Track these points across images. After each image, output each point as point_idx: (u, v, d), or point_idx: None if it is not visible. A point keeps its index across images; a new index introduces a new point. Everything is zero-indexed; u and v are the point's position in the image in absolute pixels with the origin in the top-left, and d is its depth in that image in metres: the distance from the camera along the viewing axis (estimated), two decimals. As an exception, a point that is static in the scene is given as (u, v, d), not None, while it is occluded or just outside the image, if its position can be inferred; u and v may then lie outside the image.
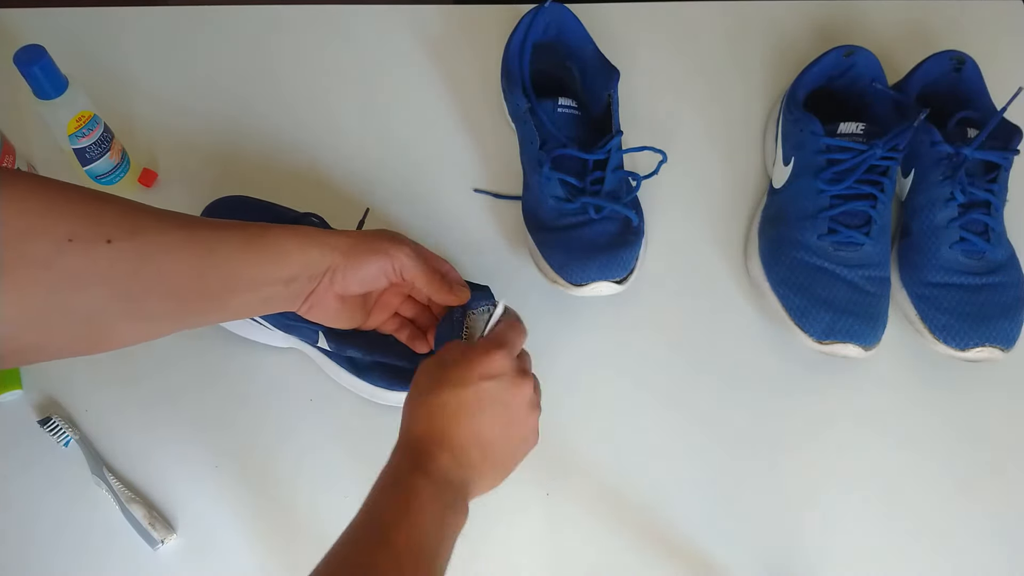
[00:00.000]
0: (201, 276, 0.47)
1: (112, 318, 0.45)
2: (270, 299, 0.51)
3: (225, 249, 0.48)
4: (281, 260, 0.50)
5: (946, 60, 0.71)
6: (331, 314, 0.54)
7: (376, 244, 0.53)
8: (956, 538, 0.62)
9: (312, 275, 0.51)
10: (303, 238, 0.51)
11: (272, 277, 0.50)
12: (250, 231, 0.50)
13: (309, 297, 0.52)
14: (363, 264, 0.52)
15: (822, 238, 0.65)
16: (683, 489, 0.63)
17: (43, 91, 0.62)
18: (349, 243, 0.52)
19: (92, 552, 0.59)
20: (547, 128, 0.67)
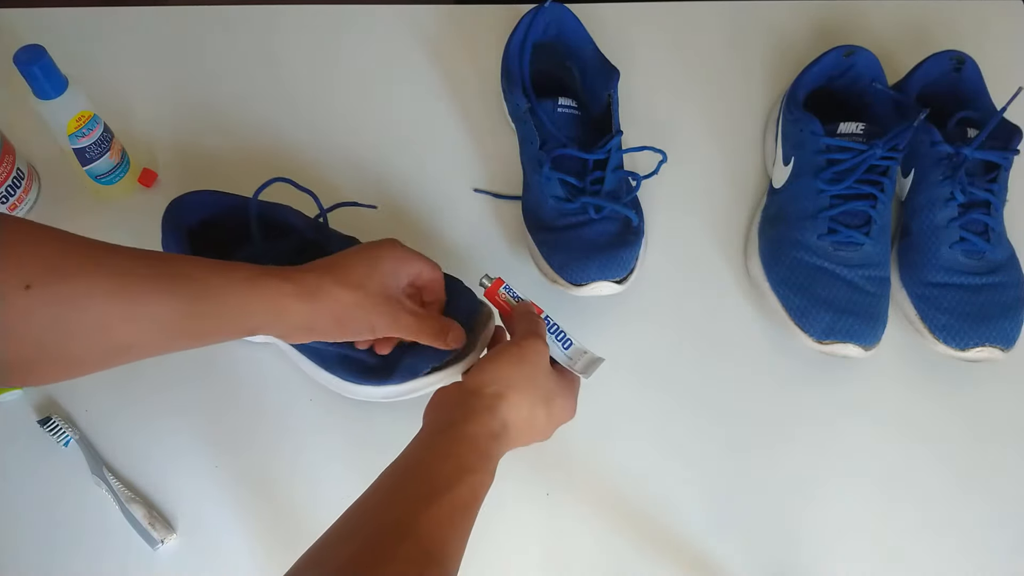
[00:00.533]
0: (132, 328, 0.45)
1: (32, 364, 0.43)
2: (224, 340, 0.50)
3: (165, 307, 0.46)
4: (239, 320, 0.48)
5: (946, 60, 0.71)
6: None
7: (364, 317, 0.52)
8: (956, 538, 0.62)
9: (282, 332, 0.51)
10: (272, 290, 0.49)
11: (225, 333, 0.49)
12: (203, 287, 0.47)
13: (279, 336, 0.53)
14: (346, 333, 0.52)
15: (822, 238, 0.65)
16: (683, 488, 0.63)
17: (43, 91, 0.62)
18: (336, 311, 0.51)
19: (92, 552, 0.59)
20: (547, 128, 0.67)
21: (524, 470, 0.62)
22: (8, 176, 0.67)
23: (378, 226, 0.68)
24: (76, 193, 0.72)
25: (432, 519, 0.43)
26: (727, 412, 0.65)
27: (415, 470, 0.46)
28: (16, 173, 0.68)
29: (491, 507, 0.61)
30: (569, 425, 0.64)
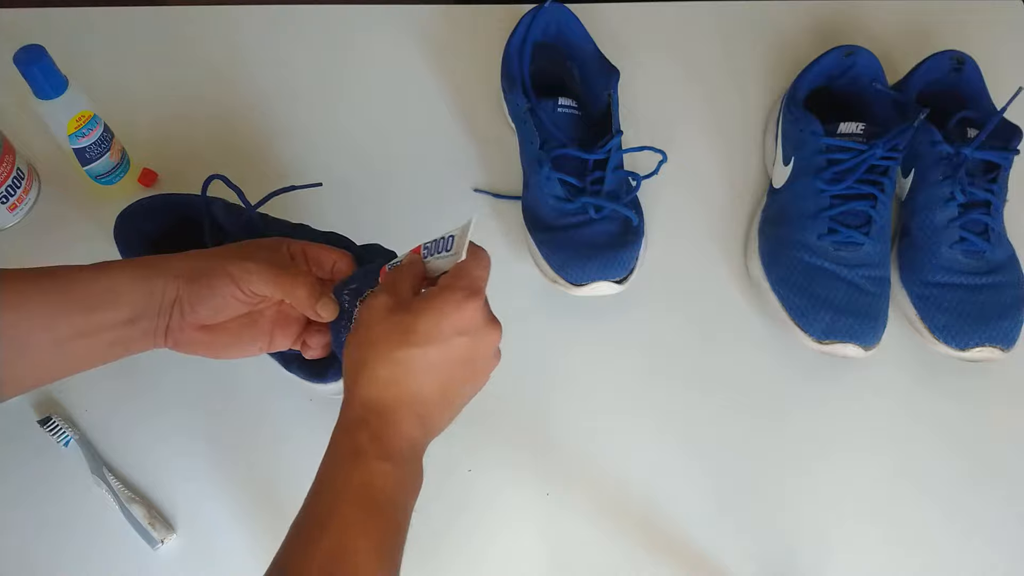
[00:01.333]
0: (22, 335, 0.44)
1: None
2: (119, 342, 0.48)
3: (42, 301, 0.44)
4: (115, 302, 0.46)
5: (946, 60, 0.71)
6: (205, 347, 0.51)
7: (219, 265, 0.48)
8: (956, 537, 0.62)
9: (157, 308, 0.48)
10: (141, 269, 0.47)
11: (107, 321, 0.46)
12: (75, 275, 0.46)
13: (168, 333, 0.49)
14: (207, 289, 0.48)
15: (822, 238, 0.65)
16: (683, 489, 0.63)
17: (43, 91, 0.62)
18: (189, 268, 0.48)
19: (92, 552, 0.59)
20: (547, 128, 0.67)
21: (524, 470, 0.62)
22: (8, 176, 0.67)
23: (377, 226, 0.68)
24: (76, 193, 0.72)
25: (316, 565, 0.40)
26: (727, 412, 0.65)
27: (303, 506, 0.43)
28: (16, 173, 0.68)
29: (491, 507, 0.61)
30: (569, 425, 0.64)
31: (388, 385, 0.43)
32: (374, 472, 0.42)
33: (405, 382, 0.43)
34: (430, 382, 0.43)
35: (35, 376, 0.48)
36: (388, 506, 0.42)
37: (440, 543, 0.60)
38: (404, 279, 0.46)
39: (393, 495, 0.42)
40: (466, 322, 0.43)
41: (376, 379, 0.43)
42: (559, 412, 0.65)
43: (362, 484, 0.42)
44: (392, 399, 0.43)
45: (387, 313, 0.43)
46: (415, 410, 0.43)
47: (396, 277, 0.46)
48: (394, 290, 0.45)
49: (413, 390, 0.43)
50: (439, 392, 0.44)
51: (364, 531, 0.41)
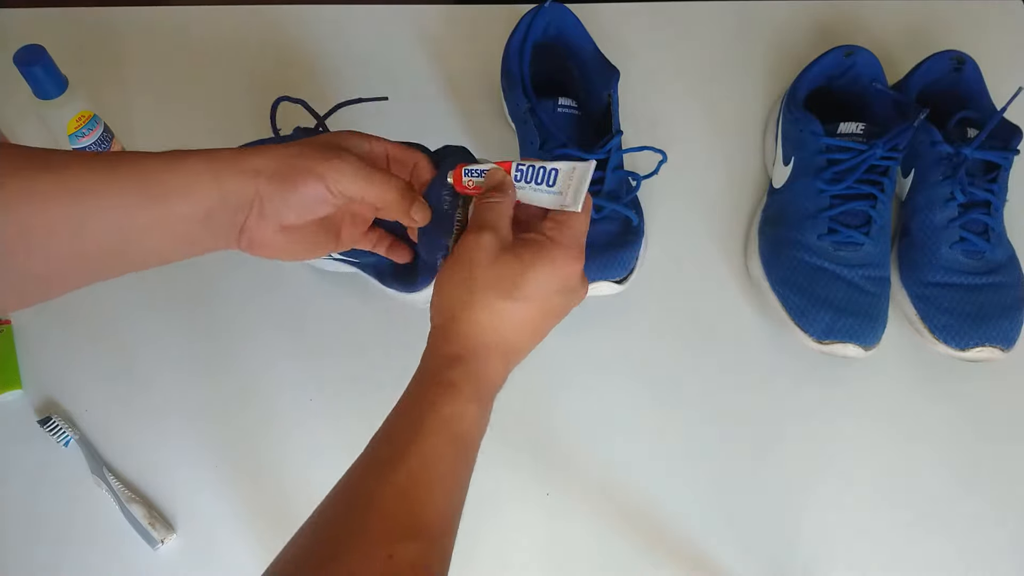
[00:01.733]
0: (82, 227, 0.41)
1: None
2: (189, 239, 0.44)
3: (113, 192, 0.41)
4: (189, 196, 0.43)
5: (946, 60, 0.71)
6: (280, 250, 0.47)
7: (307, 164, 0.45)
8: (956, 537, 0.62)
9: (235, 206, 0.44)
10: (217, 164, 0.43)
11: (180, 216, 0.43)
12: (148, 165, 0.43)
13: (243, 232, 0.45)
14: (293, 190, 0.44)
15: (822, 238, 0.65)
16: (683, 488, 0.63)
17: (43, 91, 0.62)
18: (275, 165, 0.44)
19: (92, 552, 0.59)
20: (547, 128, 0.67)
21: (524, 470, 0.62)
22: (8, 176, 0.67)
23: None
24: (76, 193, 0.72)
25: (392, 490, 0.39)
26: (727, 412, 0.65)
27: (379, 434, 0.42)
28: (16, 173, 0.68)
29: (491, 507, 0.61)
30: (569, 425, 0.64)
31: (487, 330, 0.43)
32: (463, 410, 0.42)
33: (502, 330, 0.43)
34: (524, 332, 0.44)
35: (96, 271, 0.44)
36: (469, 444, 0.42)
37: (440, 543, 0.60)
38: (503, 214, 0.45)
39: (473, 435, 0.43)
40: (570, 281, 0.44)
41: (477, 322, 0.43)
42: (559, 412, 0.65)
43: (451, 418, 0.42)
44: (489, 343, 0.43)
45: (494, 257, 0.43)
46: (504, 355, 0.44)
47: (490, 213, 0.45)
48: (495, 228, 0.44)
49: (507, 337, 0.44)
50: (528, 340, 0.45)
51: (445, 461, 0.41)
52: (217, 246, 0.46)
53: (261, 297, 0.68)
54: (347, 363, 0.66)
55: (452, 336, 0.44)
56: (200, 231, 0.44)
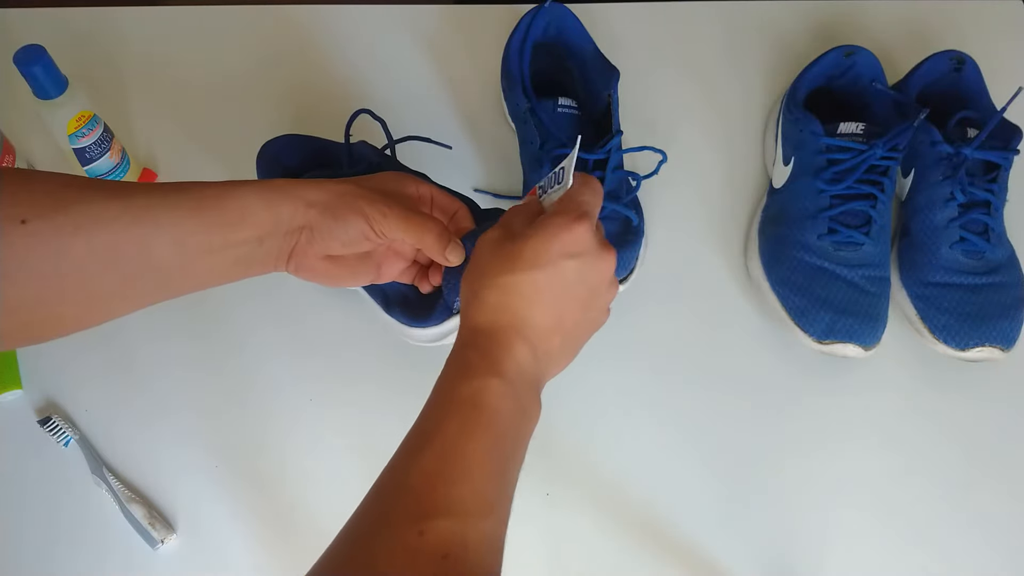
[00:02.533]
0: (147, 249, 0.44)
1: (49, 303, 0.42)
2: (243, 262, 0.47)
3: (172, 217, 0.44)
4: (244, 222, 0.46)
5: (946, 60, 0.71)
6: (325, 276, 0.51)
7: (354, 203, 0.48)
8: (956, 537, 0.62)
9: (286, 232, 0.48)
10: (271, 193, 0.47)
11: (235, 239, 0.46)
12: (205, 192, 0.46)
13: (292, 257, 0.49)
14: (340, 225, 0.48)
15: (822, 238, 0.65)
16: (683, 489, 0.63)
17: (43, 91, 0.62)
18: (326, 199, 0.48)
19: (92, 552, 0.59)
20: (547, 128, 0.67)
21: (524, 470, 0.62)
22: (8, 176, 0.67)
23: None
24: (76, 193, 0.72)
25: (421, 472, 0.38)
26: (727, 412, 0.65)
27: (412, 428, 0.41)
28: (16, 173, 0.68)
29: (491, 507, 0.61)
30: (569, 426, 0.64)
31: (497, 311, 0.42)
32: (483, 386, 0.41)
33: (514, 307, 0.42)
34: (541, 308, 0.42)
35: (157, 291, 0.47)
36: (497, 419, 0.40)
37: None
38: (517, 215, 0.46)
39: (502, 410, 0.40)
40: (575, 245, 0.42)
41: (485, 305, 0.43)
42: (559, 412, 0.65)
43: (470, 395, 0.40)
44: (503, 324, 0.42)
45: (496, 245, 0.44)
46: (526, 336, 0.42)
47: (510, 215, 0.47)
48: (506, 224, 0.45)
49: (523, 315, 0.42)
50: (552, 319, 0.43)
51: (472, 438, 0.39)
52: (267, 269, 0.49)
53: (261, 297, 0.68)
54: (347, 363, 0.66)
55: (464, 328, 0.44)
56: (254, 254, 0.48)
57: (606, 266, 0.44)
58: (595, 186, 0.45)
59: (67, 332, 0.45)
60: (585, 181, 0.45)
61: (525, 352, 0.42)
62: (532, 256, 0.42)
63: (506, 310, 0.42)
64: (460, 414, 0.40)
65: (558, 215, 0.43)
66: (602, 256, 0.44)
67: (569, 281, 0.43)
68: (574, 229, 0.42)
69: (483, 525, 0.38)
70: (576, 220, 0.42)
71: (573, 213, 0.43)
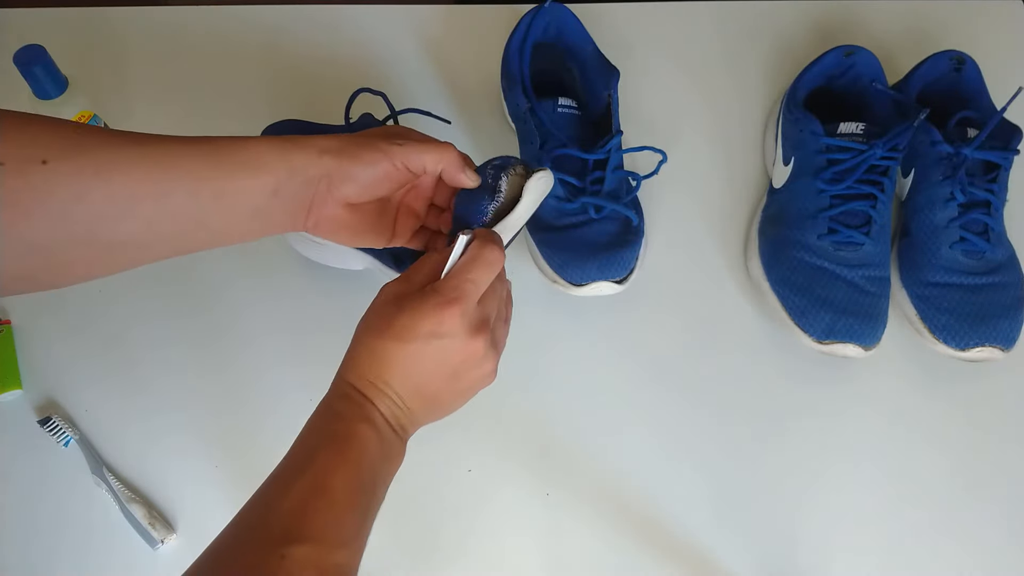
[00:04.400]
0: (164, 195, 0.43)
1: (65, 247, 0.41)
2: (260, 215, 0.47)
3: (188, 163, 0.44)
4: (258, 169, 0.46)
5: (946, 60, 0.71)
6: (345, 228, 0.50)
7: (371, 142, 0.48)
8: (956, 538, 0.62)
9: (303, 181, 0.47)
10: (284, 143, 0.47)
11: (250, 188, 0.46)
12: (220, 142, 0.46)
13: (311, 210, 0.48)
14: (360, 165, 0.48)
15: (822, 238, 0.65)
16: (684, 488, 0.63)
17: (43, 91, 0.62)
18: (339, 145, 0.48)
19: (92, 552, 0.59)
20: (547, 128, 0.67)
21: (524, 470, 0.62)
22: (8, 176, 0.67)
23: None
24: (76, 193, 0.72)
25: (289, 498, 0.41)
26: (727, 412, 0.65)
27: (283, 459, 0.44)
28: (16, 173, 0.68)
29: (491, 507, 0.61)
30: (569, 426, 0.64)
31: (366, 371, 0.45)
32: (353, 428, 0.44)
33: (377, 371, 0.45)
34: (401, 377, 0.45)
35: (172, 242, 0.47)
36: (365, 458, 0.44)
37: (440, 543, 0.60)
38: (421, 269, 0.48)
39: (369, 450, 0.44)
40: (441, 327, 0.44)
41: (357, 363, 0.45)
42: (559, 412, 0.65)
43: (343, 433, 0.44)
44: (370, 381, 0.45)
45: (385, 301, 0.46)
46: (389, 395, 0.45)
47: (418, 265, 0.48)
48: (407, 278, 0.47)
49: (385, 379, 0.45)
50: (412, 387, 0.45)
51: (341, 474, 0.42)
52: (286, 224, 0.49)
53: (262, 297, 0.68)
54: (347, 363, 0.66)
55: (340, 374, 0.46)
56: (270, 205, 0.47)
57: (472, 350, 0.46)
58: (489, 258, 0.46)
59: (72, 281, 0.45)
60: (478, 254, 0.46)
61: (388, 405, 0.45)
62: (401, 329, 0.44)
63: (371, 371, 0.45)
64: (331, 449, 0.43)
65: (433, 293, 0.45)
66: (468, 342, 0.45)
67: (430, 359, 0.45)
68: (443, 312, 0.44)
69: (339, 555, 0.41)
70: (447, 304, 0.44)
71: (448, 295, 0.45)
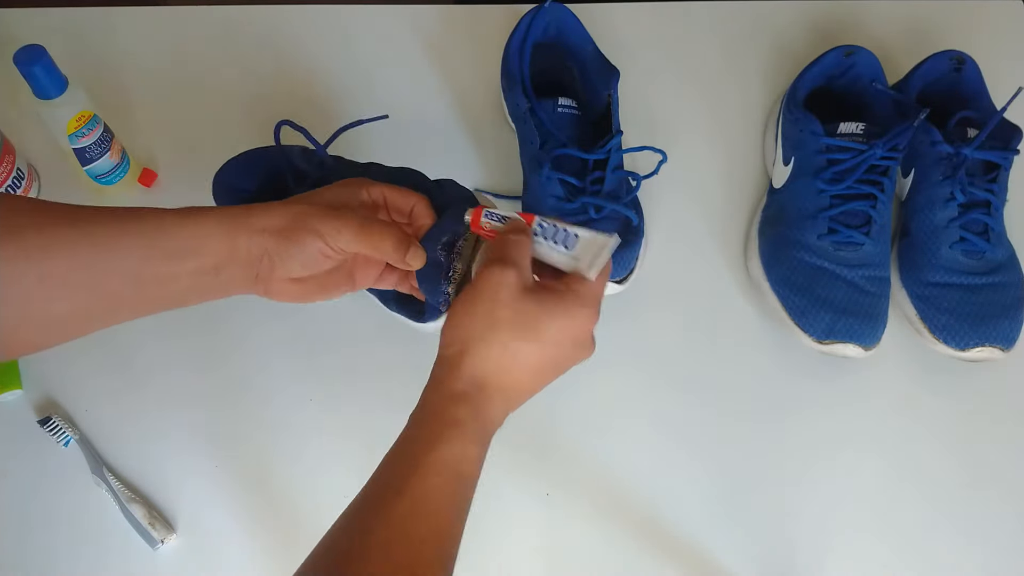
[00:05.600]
0: (103, 274, 0.44)
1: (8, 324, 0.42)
2: (199, 289, 0.48)
3: (126, 244, 0.44)
4: (198, 253, 0.46)
5: (946, 60, 0.71)
6: (296, 295, 0.50)
7: (309, 222, 0.48)
8: (956, 538, 0.62)
9: (245, 262, 0.47)
10: (231, 221, 0.47)
11: (190, 269, 0.46)
12: (163, 220, 0.46)
13: (257, 283, 0.49)
14: (297, 248, 0.48)
15: (822, 238, 0.65)
16: (684, 488, 0.63)
17: (43, 91, 0.62)
18: (280, 223, 0.47)
19: (92, 552, 0.59)
20: (547, 128, 0.67)
21: (524, 470, 0.62)
22: (8, 176, 0.67)
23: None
24: (76, 193, 0.72)
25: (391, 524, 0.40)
26: (727, 411, 0.65)
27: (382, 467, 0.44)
28: (16, 173, 0.68)
29: (492, 507, 0.61)
30: (569, 426, 0.64)
31: (497, 370, 0.44)
32: (464, 451, 0.43)
33: (512, 372, 0.44)
34: (531, 377, 0.45)
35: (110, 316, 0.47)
36: (469, 483, 0.43)
37: (440, 543, 0.60)
38: (524, 255, 0.46)
39: (473, 474, 0.43)
40: (584, 337, 0.46)
41: (488, 359, 0.44)
42: (559, 412, 0.65)
43: (454, 458, 0.42)
44: (497, 383, 0.44)
45: (516, 296, 0.44)
46: (507, 398, 0.45)
47: (514, 251, 0.46)
48: (518, 266, 0.45)
49: (515, 379, 0.44)
50: (531, 385, 0.46)
51: (445, 497, 0.42)
52: (232, 293, 0.49)
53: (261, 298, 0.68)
54: (347, 363, 0.66)
55: (461, 371, 0.44)
56: (211, 282, 0.48)
57: (590, 353, 0.48)
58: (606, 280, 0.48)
59: (16, 355, 0.46)
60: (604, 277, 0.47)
61: (502, 415, 0.45)
62: (550, 335, 0.44)
63: (506, 372, 0.44)
64: (439, 475, 0.42)
65: (582, 304, 0.45)
66: (591, 348, 0.47)
67: (563, 361, 0.46)
68: (590, 324, 0.45)
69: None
70: (593, 317, 0.46)
71: (594, 308, 0.46)
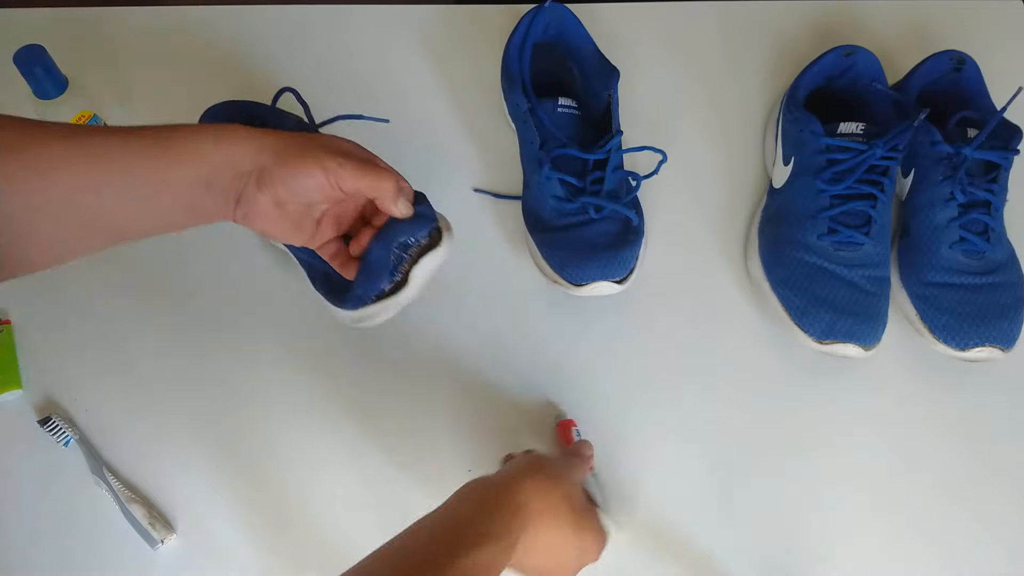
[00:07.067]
0: (101, 188, 0.44)
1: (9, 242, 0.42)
2: (194, 207, 0.47)
3: (125, 156, 0.45)
4: (194, 160, 0.46)
5: (946, 60, 0.71)
6: (271, 222, 0.50)
7: (313, 152, 0.48)
8: (956, 537, 0.62)
9: (235, 175, 0.47)
10: (223, 135, 0.47)
11: (185, 179, 0.46)
12: (159, 133, 0.46)
13: (240, 201, 0.48)
14: (296, 173, 0.48)
15: (822, 238, 0.65)
16: (683, 488, 0.63)
17: (43, 91, 0.62)
18: (282, 145, 0.48)
19: (92, 552, 0.59)
20: (547, 128, 0.67)
21: (524, 470, 0.62)
22: (8, 176, 0.67)
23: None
24: (76, 193, 0.72)
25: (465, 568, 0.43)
26: (727, 412, 0.65)
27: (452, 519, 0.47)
28: (16, 173, 0.68)
29: (491, 507, 0.61)
30: (569, 425, 0.64)
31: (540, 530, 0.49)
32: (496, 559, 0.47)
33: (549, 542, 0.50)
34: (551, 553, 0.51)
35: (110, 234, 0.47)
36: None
37: (440, 543, 0.60)
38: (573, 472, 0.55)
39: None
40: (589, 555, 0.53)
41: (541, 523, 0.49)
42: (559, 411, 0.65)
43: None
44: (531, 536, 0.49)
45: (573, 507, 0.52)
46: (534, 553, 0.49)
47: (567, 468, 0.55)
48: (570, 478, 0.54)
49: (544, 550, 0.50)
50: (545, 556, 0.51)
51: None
52: (215, 215, 0.49)
53: (261, 298, 0.68)
54: (347, 363, 0.66)
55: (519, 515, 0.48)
56: (203, 196, 0.47)
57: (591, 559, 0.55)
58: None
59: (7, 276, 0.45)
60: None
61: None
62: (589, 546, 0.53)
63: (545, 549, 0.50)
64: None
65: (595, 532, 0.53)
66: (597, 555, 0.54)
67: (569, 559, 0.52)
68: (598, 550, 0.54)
69: None
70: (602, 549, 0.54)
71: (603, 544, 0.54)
